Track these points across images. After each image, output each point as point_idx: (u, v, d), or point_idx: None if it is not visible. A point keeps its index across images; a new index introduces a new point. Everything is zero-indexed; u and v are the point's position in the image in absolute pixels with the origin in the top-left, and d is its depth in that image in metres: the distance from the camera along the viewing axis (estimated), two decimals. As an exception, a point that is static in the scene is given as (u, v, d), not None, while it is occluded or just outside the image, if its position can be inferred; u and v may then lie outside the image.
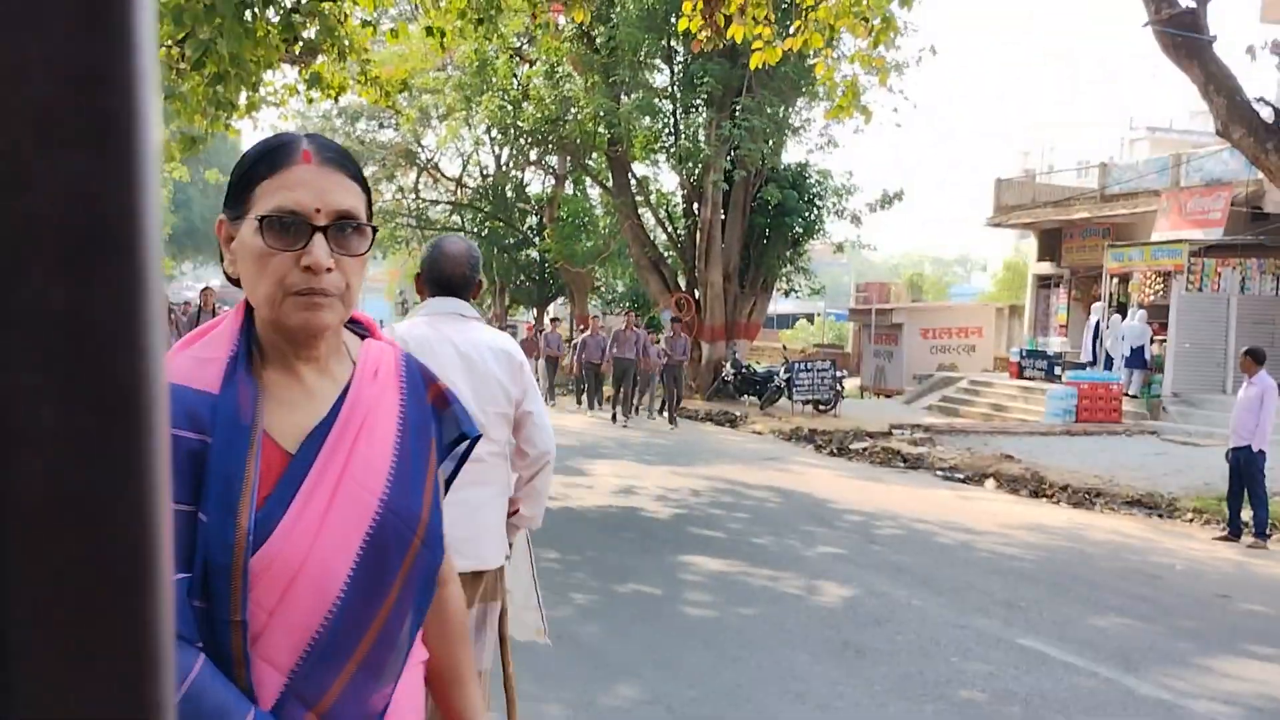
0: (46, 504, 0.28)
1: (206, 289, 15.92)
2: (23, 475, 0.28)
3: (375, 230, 1.43)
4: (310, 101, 15.59)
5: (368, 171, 37.84)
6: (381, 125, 36.21)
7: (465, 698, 1.67)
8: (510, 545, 3.40)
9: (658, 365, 19.69)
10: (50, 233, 0.29)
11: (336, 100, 16.29)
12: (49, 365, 0.29)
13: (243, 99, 13.59)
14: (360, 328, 1.57)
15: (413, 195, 39.45)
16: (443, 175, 38.51)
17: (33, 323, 0.29)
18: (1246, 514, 9.75)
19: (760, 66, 11.35)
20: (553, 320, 27.81)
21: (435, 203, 40.43)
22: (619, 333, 20.20)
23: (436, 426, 1.53)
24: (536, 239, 34.51)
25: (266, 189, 1.36)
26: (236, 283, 1.43)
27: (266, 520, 1.31)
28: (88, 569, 0.29)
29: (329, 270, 1.34)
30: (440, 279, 3.21)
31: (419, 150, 37.17)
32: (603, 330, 22.08)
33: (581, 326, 24.81)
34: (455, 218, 39.34)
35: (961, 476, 13.43)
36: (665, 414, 19.48)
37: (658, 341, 20.18)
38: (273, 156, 1.39)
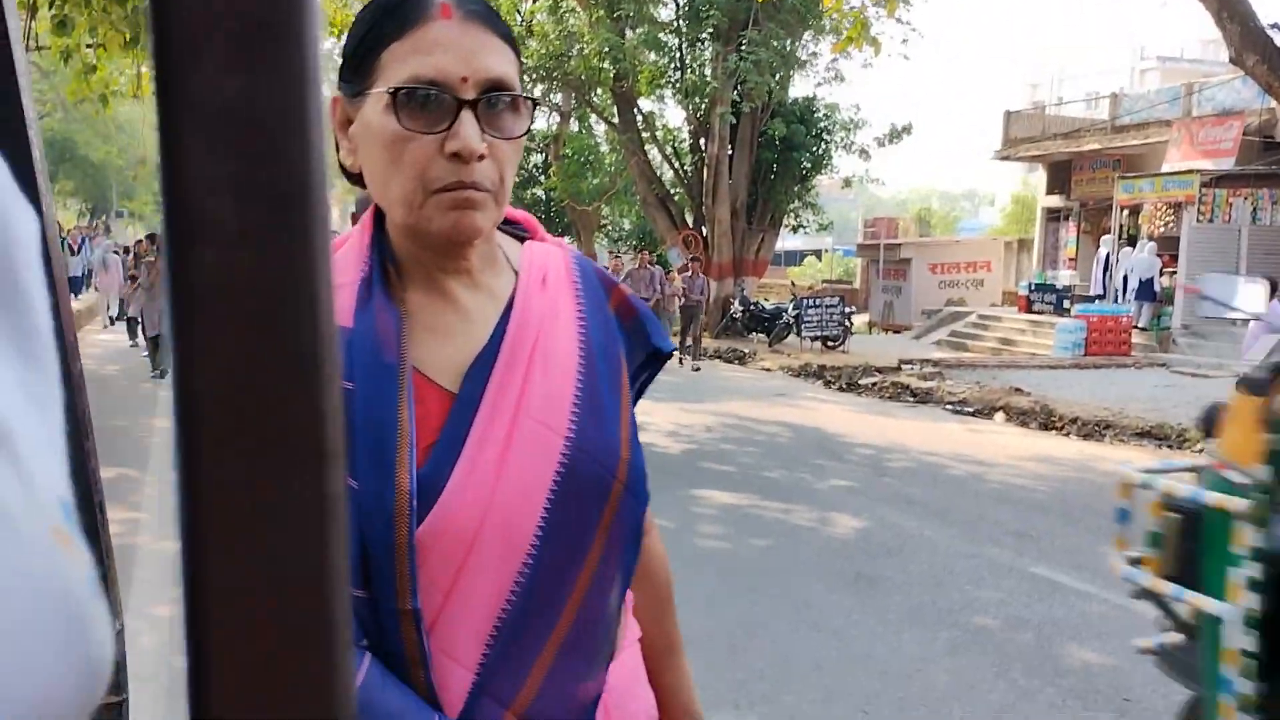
0: (221, 292, 0.29)
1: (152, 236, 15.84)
2: (199, 263, 0.29)
3: (535, 104, 1.16)
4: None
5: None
6: (384, 64, 35.83)
7: (676, 669, 1.40)
8: None
9: (675, 304, 19.44)
10: (223, 21, 0.29)
11: (339, 38, 16.14)
12: (223, 155, 0.29)
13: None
14: (519, 228, 1.29)
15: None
16: (447, 114, 38.22)
17: (208, 113, 0.29)
18: (1256, 444, 9.78)
19: (768, -2, 11.20)
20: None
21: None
22: (634, 270, 19.50)
23: (624, 342, 1.23)
24: (542, 177, 34.32)
25: (396, 53, 1.06)
26: (357, 180, 1.14)
27: (433, 478, 1.04)
28: (262, 354, 0.29)
29: (481, 158, 1.05)
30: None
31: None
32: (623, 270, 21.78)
33: (605, 267, 24.35)
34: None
35: (971, 410, 13.46)
36: (679, 355, 19.28)
37: (674, 281, 19.95)
38: (402, 11, 1.07)
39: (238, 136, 0.29)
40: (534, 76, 27.76)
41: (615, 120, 27.02)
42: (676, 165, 26.64)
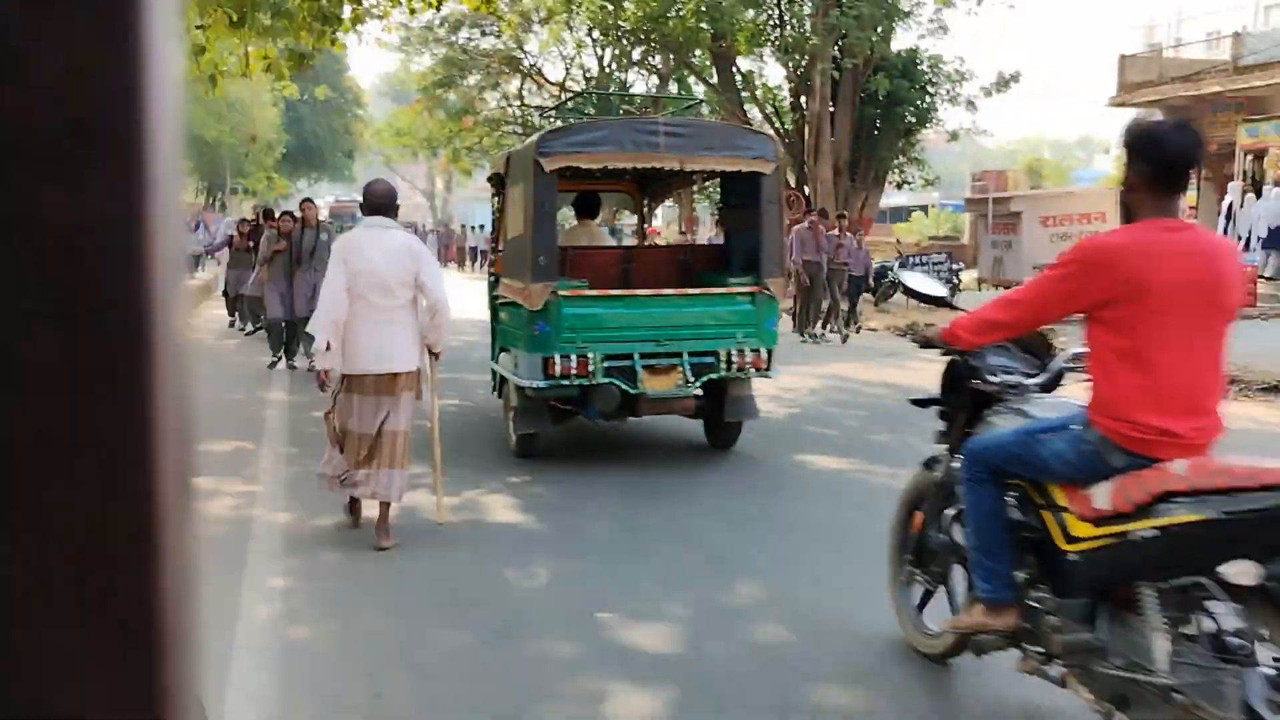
0: (42, 450, 0.24)
1: (306, 201, 13.43)
2: (17, 416, 0.25)
3: None
4: (413, 12, 15.53)
5: (470, 80, 37.94)
6: (484, 33, 36.02)
7: None
8: (428, 362, 5.91)
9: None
10: (42, 125, 0.24)
11: (438, 9, 16.22)
12: (42, 284, 0.24)
13: (346, 12, 13.64)
14: None
15: (517, 103, 39.37)
16: (546, 81, 38.30)
17: (23, 235, 0.24)
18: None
19: (867, -51, 10.92)
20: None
21: (540, 109, 40.19)
22: (803, 232, 16.41)
23: None
24: (642, 141, 34.19)
25: None
26: None
27: None
28: (88, 524, 0.25)
29: None
30: (371, 206, 5.81)
31: (522, 56, 36.97)
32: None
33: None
34: (559, 123, 39.10)
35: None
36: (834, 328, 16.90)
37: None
38: None
39: (58, 261, 0.24)
40: (631, 39, 27.61)
41: (714, 80, 26.75)
42: (777, 124, 26.29)
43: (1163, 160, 3.29)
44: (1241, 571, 2.86)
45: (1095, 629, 3.27)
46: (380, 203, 5.78)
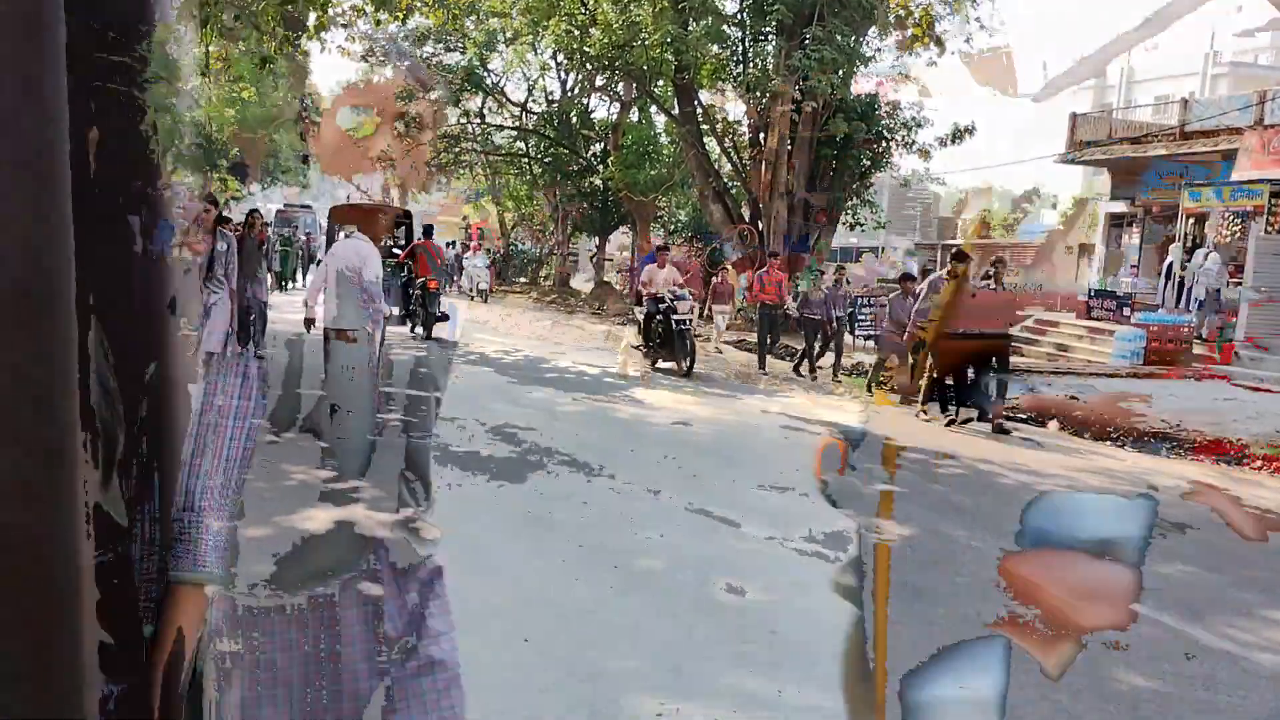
0: None
1: (253, 213, 11.95)
2: None
3: None
4: (378, 23, 15.55)
5: (433, 95, 37.81)
6: (448, 49, 35.99)
7: None
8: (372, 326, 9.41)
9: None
10: None
11: (404, 22, 16.27)
12: None
13: (311, 20, 13.61)
14: None
15: (478, 120, 39.31)
16: (508, 100, 38.30)
17: None
18: (1319, 464, 9.56)
19: (834, -5, 11.10)
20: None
21: (500, 128, 40.16)
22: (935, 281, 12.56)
23: None
24: (600, 166, 34.30)
25: None
26: None
27: None
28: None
29: None
30: (346, 223, 9.98)
31: (485, 75, 36.95)
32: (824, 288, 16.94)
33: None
34: (520, 144, 39.16)
35: (1024, 417, 13.28)
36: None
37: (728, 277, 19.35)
38: None
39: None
40: (595, 66, 27.74)
41: (675, 111, 26.94)
42: (735, 159, 26.52)
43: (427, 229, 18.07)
44: None
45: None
46: (353, 222, 9.72)
